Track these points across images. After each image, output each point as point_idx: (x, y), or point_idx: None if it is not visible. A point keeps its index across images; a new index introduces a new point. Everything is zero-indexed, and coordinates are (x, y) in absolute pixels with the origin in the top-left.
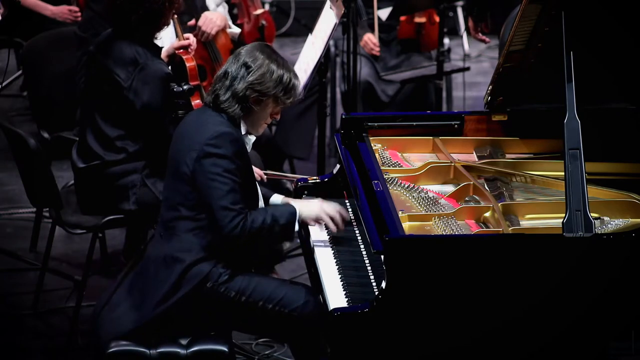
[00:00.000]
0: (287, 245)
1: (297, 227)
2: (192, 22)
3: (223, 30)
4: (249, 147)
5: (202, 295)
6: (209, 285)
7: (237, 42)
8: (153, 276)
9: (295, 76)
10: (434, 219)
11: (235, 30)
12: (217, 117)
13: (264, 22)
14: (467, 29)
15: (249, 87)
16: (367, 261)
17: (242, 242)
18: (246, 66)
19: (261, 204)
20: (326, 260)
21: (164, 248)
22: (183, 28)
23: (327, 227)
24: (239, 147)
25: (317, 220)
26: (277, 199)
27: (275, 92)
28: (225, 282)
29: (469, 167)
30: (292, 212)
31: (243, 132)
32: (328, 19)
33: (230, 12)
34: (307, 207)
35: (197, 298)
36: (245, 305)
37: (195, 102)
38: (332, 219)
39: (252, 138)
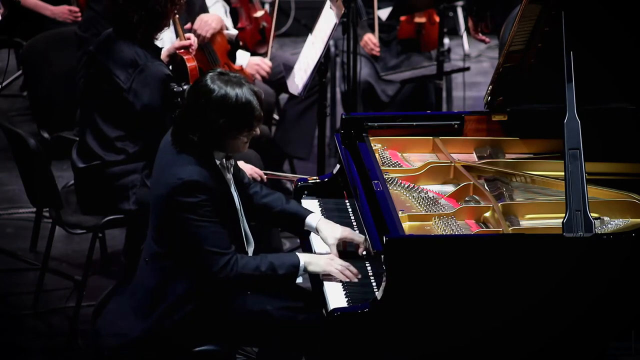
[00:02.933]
0: (287, 245)
1: (300, 280)
2: (188, 25)
3: (219, 32)
4: (229, 172)
5: (186, 331)
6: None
7: (235, 44)
8: (139, 302)
9: (251, 92)
10: (434, 219)
11: (232, 32)
12: (185, 158)
13: (264, 23)
14: (467, 29)
15: (212, 126)
16: (367, 261)
17: (233, 284)
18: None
19: (248, 237)
20: None
21: (149, 278)
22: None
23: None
24: (207, 190)
25: (325, 274)
26: (312, 220)
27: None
28: (210, 320)
29: (469, 167)
30: (294, 264)
31: (219, 162)
32: (328, 19)
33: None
34: (315, 262)
35: (181, 332)
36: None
37: None
38: (341, 272)
39: (232, 162)
